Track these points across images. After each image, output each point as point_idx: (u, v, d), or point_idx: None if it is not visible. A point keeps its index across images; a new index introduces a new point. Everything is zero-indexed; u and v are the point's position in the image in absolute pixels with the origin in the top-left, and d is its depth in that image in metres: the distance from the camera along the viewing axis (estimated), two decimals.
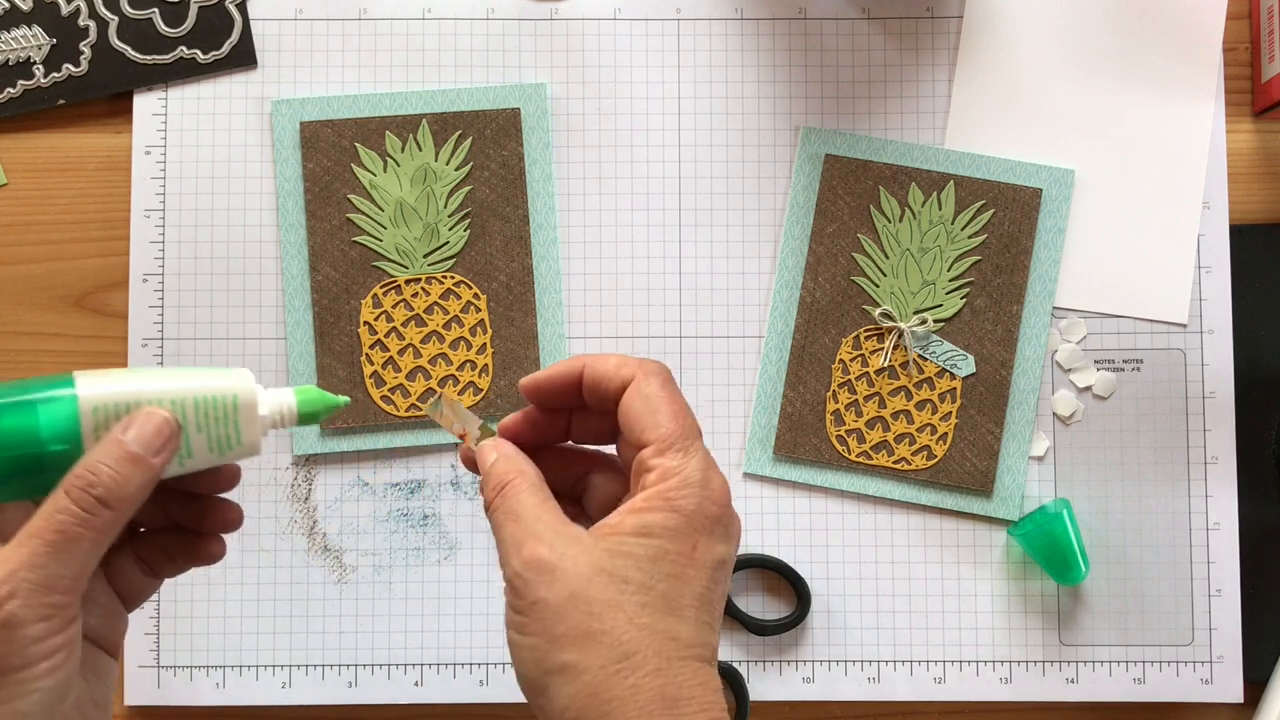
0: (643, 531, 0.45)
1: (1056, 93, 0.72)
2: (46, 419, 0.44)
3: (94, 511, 0.43)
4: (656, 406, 0.48)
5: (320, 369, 0.71)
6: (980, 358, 0.71)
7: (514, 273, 0.72)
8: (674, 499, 0.46)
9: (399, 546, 0.72)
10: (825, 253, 0.72)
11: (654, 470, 0.47)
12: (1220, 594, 0.71)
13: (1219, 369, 0.72)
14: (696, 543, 0.46)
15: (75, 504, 0.43)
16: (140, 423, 0.44)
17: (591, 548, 0.45)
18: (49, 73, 0.72)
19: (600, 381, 0.49)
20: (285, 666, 0.71)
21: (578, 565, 0.45)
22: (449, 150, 0.72)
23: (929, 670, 0.71)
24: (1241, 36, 0.73)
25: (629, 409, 0.48)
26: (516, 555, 0.46)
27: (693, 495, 0.46)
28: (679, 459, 0.47)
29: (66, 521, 0.42)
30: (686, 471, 0.47)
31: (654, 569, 0.45)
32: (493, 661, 0.71)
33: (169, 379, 0.46)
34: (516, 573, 0.45)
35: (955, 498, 0.72)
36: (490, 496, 0.48)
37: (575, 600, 0.44)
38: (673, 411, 0.48)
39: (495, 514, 0.48)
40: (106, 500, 0.43)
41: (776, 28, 0.73)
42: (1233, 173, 0.72)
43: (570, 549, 0.45)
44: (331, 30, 0.73)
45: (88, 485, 0.43)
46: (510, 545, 0.46)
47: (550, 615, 0.44)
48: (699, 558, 0.46)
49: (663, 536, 0.45)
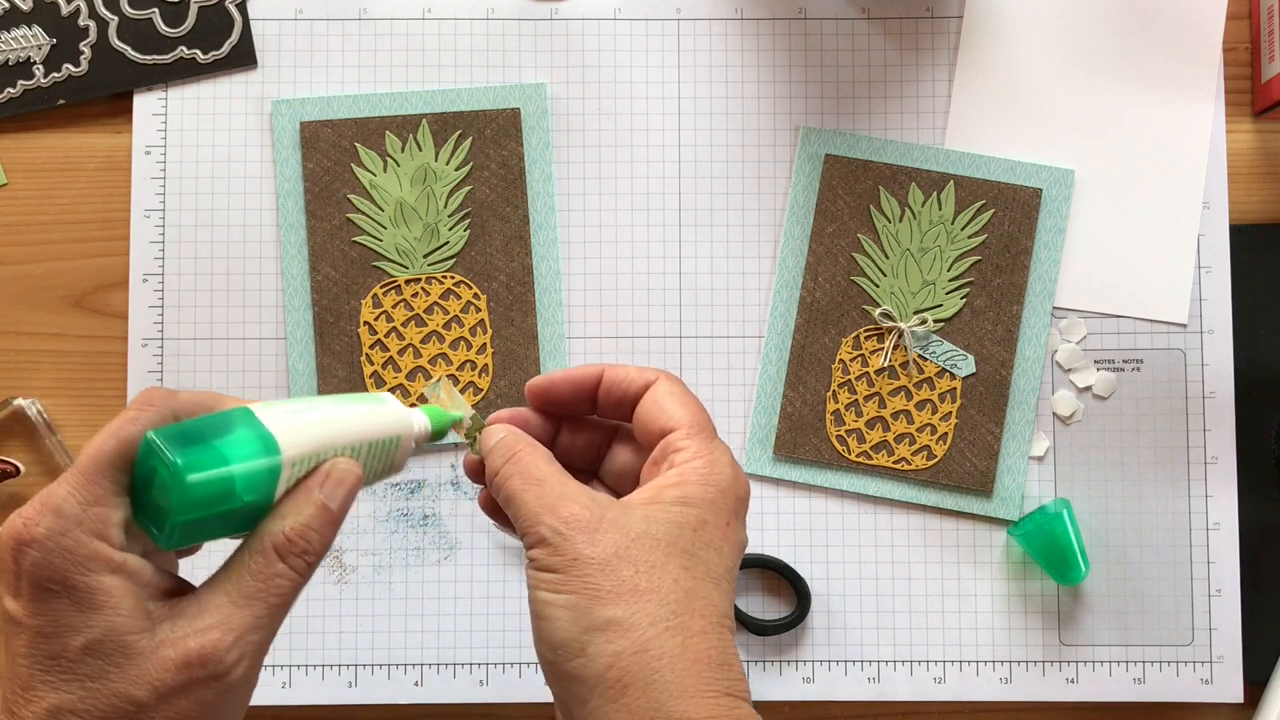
0: (684, 501, 0.46)
1: (1056, 93, 0.72)
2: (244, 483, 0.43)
3: (305, 574, 0.44)
4: (685, 401, 0.50)
5: (320, 369, 0.71)
6: (980, 358, 0.71)
7: (514, 273, 0.72)
8: (709, 475, 0.47)
9: (399, 546, 0.72)
10: (825, 253, 0.72)
11: (685, 449, 0.48)
12: (1220, 594, 0.71)
13: (1219, 369, 0.72)
14: (730, 520, 0.47)
15: (294, 570, 0.44)
16: (335, 481, 0.45)
17: (631, 511, 0.46)
18: (49, 73, 0.72)
19: (621, 382, 0.51)
20: (285, 666, 0.71)
21: (621, 524, 0.45)
22: (449, 150, 0.72)
23: (929, 670, 0.71)
24: (1241, 36, 0.73)
25: (653, 402, 0.50)
26: (552, 514, 0.45)
27: (727, 474, 0.48)
28: (710, 441, 0.48)
29: (287, 586, 0.44)
30: (717, 454, 0.48)
31: (695, 538, 0.46)
32: (492, 661, 0.71)
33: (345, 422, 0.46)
34: (555, 529, 0.45)
35: (955, 498, 0.72)
36: (499, 464, 0.48)
37: (622, 558, 0.44)
38: (698, 408, 0.50)
39: (510, 481, 0.47)
40: (313, 563, 0.45)
41: (776, 28, 0.73)
42: (1233, 173, 0.72)
43: (610, 510, 0.46)
44: (331, 30, 0.73)
45: (304, 552, 0.44)
46: (541, 506, 0.46)
47: (595, 571, 0.44)
48: (731, 535, 0.47)
49: (703, 508, 0.46)
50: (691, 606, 0.44)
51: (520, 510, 0.46)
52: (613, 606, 0.43)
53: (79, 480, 0.42)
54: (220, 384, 0.72)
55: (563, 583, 0.44)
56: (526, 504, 0.46)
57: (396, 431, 0.47)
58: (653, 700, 0.42)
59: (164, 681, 0.41)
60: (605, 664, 0.43)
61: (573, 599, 0.44)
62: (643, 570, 0.44)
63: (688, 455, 0.48)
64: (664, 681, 0.43)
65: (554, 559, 0.45)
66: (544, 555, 0.45)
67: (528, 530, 0.46)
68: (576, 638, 0.44)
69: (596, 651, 0.43)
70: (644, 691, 0.43)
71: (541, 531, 0.45)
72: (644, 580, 0.44)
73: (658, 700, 0.42)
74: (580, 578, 0.44)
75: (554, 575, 0.45)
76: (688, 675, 0.43)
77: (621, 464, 0.53)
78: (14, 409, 0.72)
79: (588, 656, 0.44)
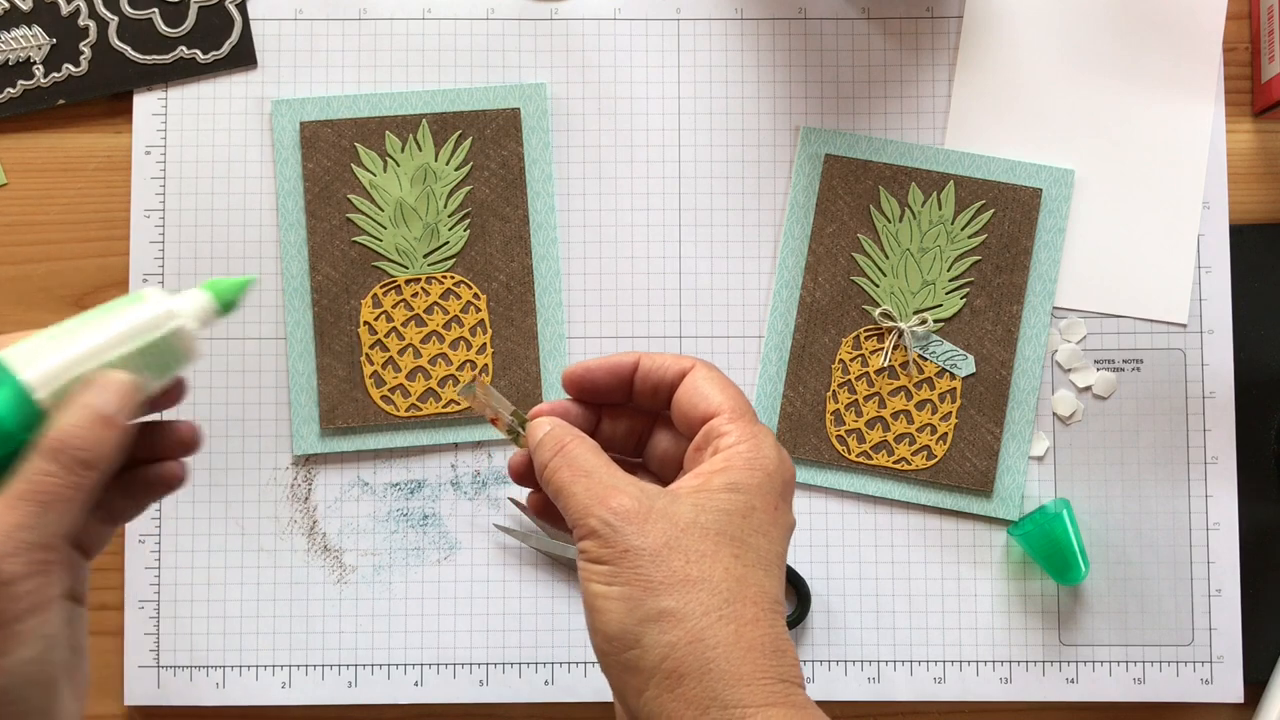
0: (731, 488, 0.46)
1: (1056, 93, 0.72)
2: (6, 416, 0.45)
3: (78, 473, 0.45)
4: (724, 385, 0.49)
5: (320, 369, 0.71)
6: (980, 358, 0.71)
7: (514, 273, 0.72)
8: (755, 459, 0.47)
9: (399, 546, 0.72)
10: (825, 253, 0.72)
11: (729, 434, 0.48)
12: (1220, 594, 0.71)
13: (1219, 369, 0.72)
14: (778, 504, 0.47)
15: (61, 467, 0.44)
16: (99, 389, 0.46)
17: (680, 500, 0.46)
18: (49, 73, 0.72)
19: (657, 369, 0.51)
20: (285, 666, 0.71)
21: (670, 513, 0.45)
22: (449, 150, 0.72)
23: (929, 670, 0.71)
24: (1241, 36, 0.73)
25: (692, 388, 0.50)
26: (602, 505, 0.45)
27: (773, 457, 0.47)
28: (753, 426, 0.48)
29: (55, 484, 0.44)
30: (761, 437, 0.48)
31: (745, 524, 0.46)
32: (492, 661, 0.71)
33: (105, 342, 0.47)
34: (605, 521, 0.45)
35: (955, 498, 0.72)
36: (548, 457, 0.48)
37: (673, 548, 0.44)
38: (736, 392, 0.49)
39: (559, 473, 0.47)
40: (88, 462, 0.45)
41: (776, 28, 0.73)
42: (1233, 173, 0.72)
43: (658, 500, 0.45)
44: (331, 30, 0.73)
45: (69, 448, 0.45)
46: (590, 498, 0.46)
47: (647, 562, 0.44)
48: (780, 519, 0.47)
49: (751, 493, 0.46)
50: (744, 594, 0.44)
51: (570, 503, 0.47)
52: (665, 597, 0.43)
53: None
54: (220, 384, 0.72)
55: (614, 575, 0.44)
56: (576, 495, 0.46)
57: (163, 327, 0.47)
58: (708, 689, 0.43)
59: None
60: (660, 655, 0.43)
61: (625, 590, 0.44)
62: (694, 560, 0.44)
63: (732, 440, 0.48)
64: (719, 670, 0.43)
65: (605, 550, 0.45)
66: (595, 547, 0.45)
67: (578, 523, 0.46)
68: (630, 629, 0.44)
69: (651, 643, 0.43)
70: (700, 681, 0.43)
71: (591, 523, 0.45)
72: (695, 570, 0.44)
73: (713, 689, 0.43)
74: (632, 569, 0.44)
75: (605, 567, 0.45)
76: (743, 663, 0.43)
77: (664, 450, 0.53)
78: None
79: (642, 648, 0.44)
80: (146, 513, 0.71)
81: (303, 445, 0.72)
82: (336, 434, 0.72)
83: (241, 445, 0.72)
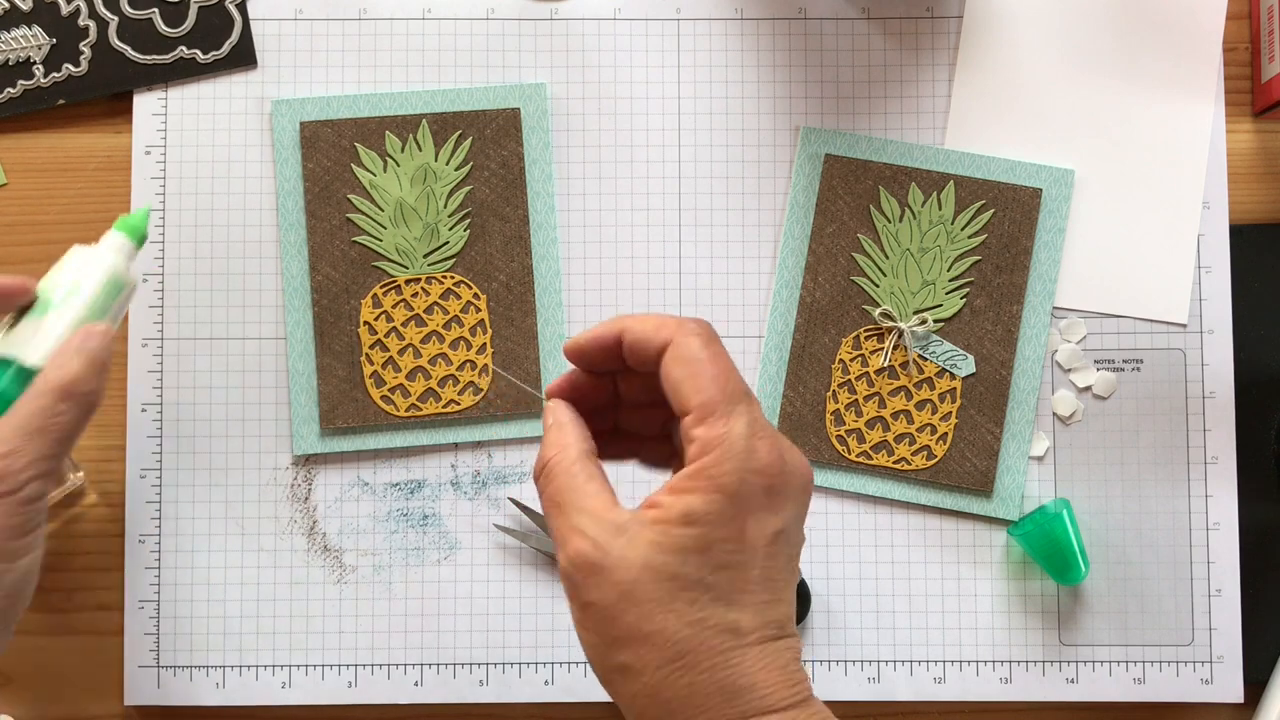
0: (687, 520, 0.43)
1: (1056, 93, 0.72)
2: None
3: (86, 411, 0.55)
4: (696, 370, 0.45)
5: (320, 369, 0.71)
6: (980, 358, 0.71)
7: (514, 273, 0.72)
8: (716, 475, 0.43)
9: (399, 546, 0.72)
10: (825, 253, 0.72)
11: (695, 442, 0.44)
12: (1220, 594, 0.71)
13: (1219, 369, 0.72)
14: (745, 524, 0.43)
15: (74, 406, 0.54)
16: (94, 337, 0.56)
17: (636, 538, 0.43)
18: (49, 73, 0.72)
19: (640, 343, 0.47)
20: (285, 666, 0.71)
21: (625, 562, 0.43)
22: (449, 150, 0.72)
23: (929, 670, 0.71)
24: (1241, 36, 0.73)
25: (668, 374, 0.45)
26: (563, 552, 0.45)
27: (734, 469, 0.43)
28: (720, 426, 0.44)
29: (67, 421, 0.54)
30: (728, 441, 0.43)
31: (703, 561, 0.43)
32: (492, 661, 0.71)
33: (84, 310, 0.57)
34: (566, 573, 0.45)
35: (955, 498, 0.72)
36: (537, 481, 0.47)
37: (626, 602, 0.43)
38: (713, 374, 0.45)
39: (542, 501, 0.47)
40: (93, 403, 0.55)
41: (776, 28, 0.73)
42: (1233, 173, 0.72)
43: (615, 542, 0.43)
44: (331, 30, 0.73)
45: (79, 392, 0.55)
46: (557, 540, 0.45)
47: (604, 618, 0.44)
48: (750, 539, 0.43)
49: (708, 523, 0.43)
50: (700, 641, 0.43)
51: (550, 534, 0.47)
52: (622, 652, 0.43)
53: None
54: (220, 384, 0.72)
55: (583, 622, 0.45)
56: (551, 532, 0.47)
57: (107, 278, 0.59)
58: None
59: None
60: (627, 701, 0.44)
61: (593, 639, 0.44)
62: (646, 613, 0.43)
63: (695, 450, 0.44)
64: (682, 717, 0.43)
65: (571, 597, 0.45)
66: (565, 588, 0.45)
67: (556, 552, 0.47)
68: (603, 675, 0.45)
69: (618, 691, 0.44)
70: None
71: (561, 562, 0.45)
72: (648, 624, 0.43)
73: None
74: (594, 621, 0.44)
75: (577, 614, 0.45)
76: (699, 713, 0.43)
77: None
78: None
79: (615, 691, 0.45)
80: (147, 513, 0.71)
81: (303, 445, 0.72)
82: (336, 434, 0.72)
83: (241, 445, 0.72)
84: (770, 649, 0.44)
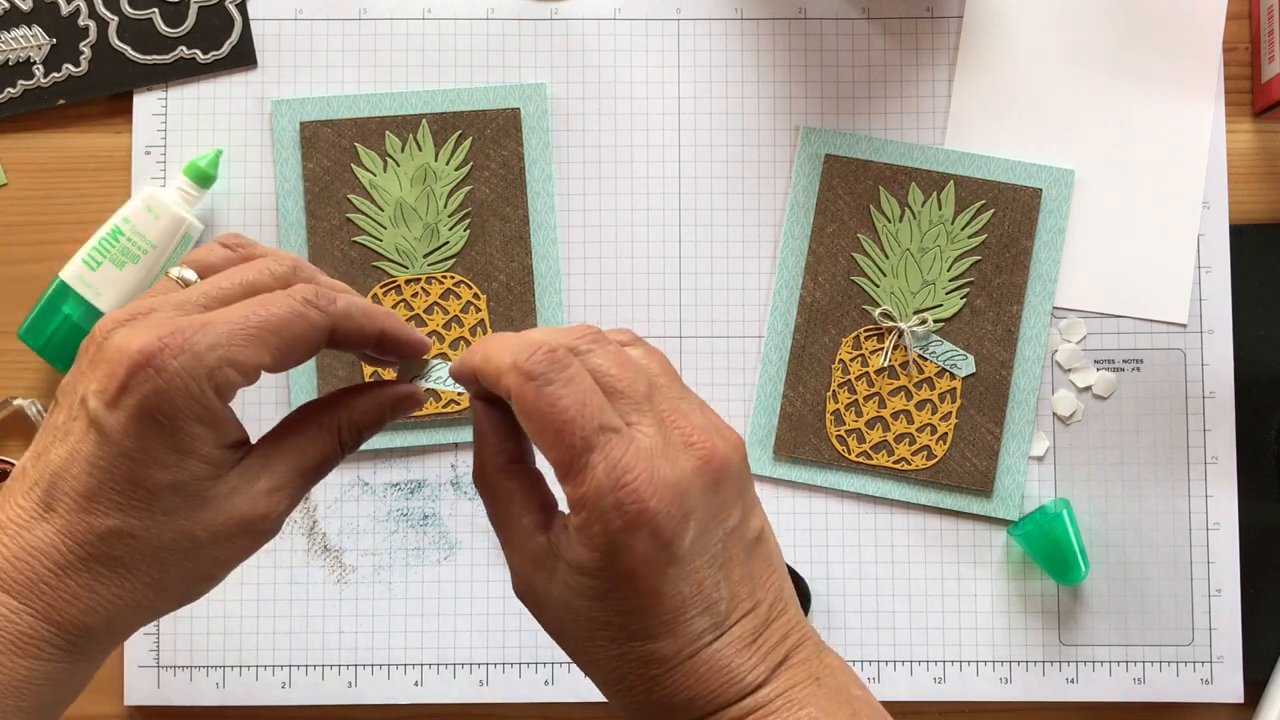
0: (581, 570, 0.42)
1: (1056, 93, 0.72)
2: None
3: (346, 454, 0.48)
4: (539, 426, 0.41)
5: (320, 369, 0.71)
6: (980, 358, 0.71)
7: (514, 273, 0.72)
8: (590, 535, 0.41)
9: (399, 546, 0.72)
10: (825, 253, 0.72)
11: (567, 498, 0.42)
12: (1220, 594, 0.71)
13: (1219, 369, 0.72)
14: (632, 571, 0.41)
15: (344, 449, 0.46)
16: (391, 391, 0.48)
17: (553, 575, 0.43)
18: (49, 73, 0.72)
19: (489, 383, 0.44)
20: (285, 666, 0.71)
21: (550, 600, 0.43)
22: (449, 150, 0.72)
23: (929, 670, 0.71)
24: (1241, 36, 0.73)
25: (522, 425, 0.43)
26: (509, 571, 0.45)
27: (602, 530, 0.40)
28: (580, 484, 0.41)
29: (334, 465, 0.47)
30: (590, 501, 0.40)
31: (605, 605, 0.42)
32: (492, 661, 0.71)
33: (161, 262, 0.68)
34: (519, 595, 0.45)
35: (955, 498, 0.72)
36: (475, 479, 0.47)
37: (560, 636, 0.44)
38: (556, 427, 0.40)
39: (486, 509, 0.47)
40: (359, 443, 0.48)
41: (776, 28, 0.73)
42: (1233, 173, 0.72)
43: (537, 577, 0.43)
44: (331, 30, 0.73)
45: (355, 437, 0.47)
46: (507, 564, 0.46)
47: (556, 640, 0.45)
48: (643, 584, 0.41)
49: (597, 576, 0.41)
50: (627, 671, 0.43)
51: None
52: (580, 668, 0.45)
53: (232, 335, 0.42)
54: None
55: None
56: None
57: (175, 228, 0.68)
58: None
59: (223, 529, 0.43)
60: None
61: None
62: (579, 647, 0.43)
63: (570, 505, 0.41)
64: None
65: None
66: None
67: None
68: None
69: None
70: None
71: None
72: (584, 655, 0.44)
73: None
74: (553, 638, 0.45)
75: None
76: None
77: None
78: (14, 409, 0.72)
79: None
80: None
81: None
82: None
83: None
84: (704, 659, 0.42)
